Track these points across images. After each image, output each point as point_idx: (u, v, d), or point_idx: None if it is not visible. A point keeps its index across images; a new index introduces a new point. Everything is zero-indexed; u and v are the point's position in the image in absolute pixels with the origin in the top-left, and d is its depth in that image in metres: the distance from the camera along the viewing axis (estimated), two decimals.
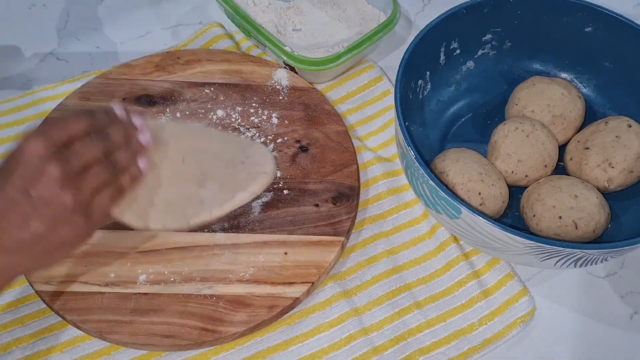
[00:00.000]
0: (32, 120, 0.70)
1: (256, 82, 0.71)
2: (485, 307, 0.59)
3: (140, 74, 0.71)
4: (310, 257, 0.59)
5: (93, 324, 0.55)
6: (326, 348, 0.57)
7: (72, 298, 0.56)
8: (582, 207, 0.58)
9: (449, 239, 0.63)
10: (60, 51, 0.78)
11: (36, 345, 0.56)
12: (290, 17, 0.77)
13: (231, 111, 0.69)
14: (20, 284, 0.59)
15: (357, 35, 0.74)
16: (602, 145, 0.62)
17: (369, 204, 0.65)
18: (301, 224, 0.61)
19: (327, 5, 0.78)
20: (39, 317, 0.58)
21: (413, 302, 0.60)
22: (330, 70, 0.70)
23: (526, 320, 0.59)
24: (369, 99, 0.73)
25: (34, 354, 0.56)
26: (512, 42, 0.70)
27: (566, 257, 0.53)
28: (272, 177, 0.60)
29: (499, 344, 0.58)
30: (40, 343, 0.56)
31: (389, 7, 0.73)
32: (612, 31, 0.66)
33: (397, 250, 0.63)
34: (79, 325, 0.55)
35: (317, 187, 0.64)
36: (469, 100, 0.71)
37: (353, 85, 0.74)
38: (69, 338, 0.57)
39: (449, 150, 0.63)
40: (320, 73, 0.71)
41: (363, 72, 0.75)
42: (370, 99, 0.73)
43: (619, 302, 0.61)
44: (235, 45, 0.77)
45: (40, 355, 0.56)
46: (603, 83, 0.70)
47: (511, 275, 0.61)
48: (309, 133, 0.68)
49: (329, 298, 0.59)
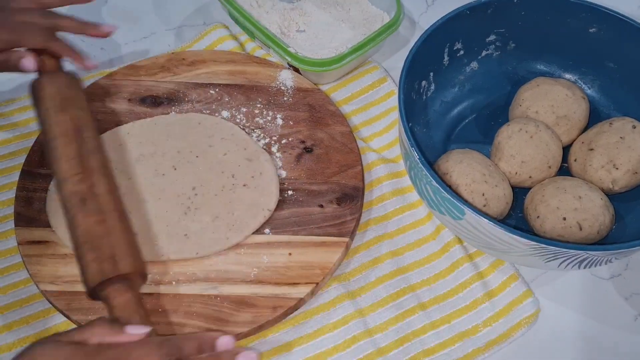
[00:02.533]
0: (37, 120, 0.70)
1: (261, 83, 0.71)
2: (490, 308, 0.59)
3: (146, 75, 0.72)
4: (315, 258, 0.59)
5: None
6: (330, 349, 0.57)
7: (77, 298, 0.56)
8: (587, 209, 0.58)
9: (453, 240, 0.63)
10: None
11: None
12: (294, 18, 0.77)
13: (236, 112, 0.69)
14: (25, 284, 0.59)
15: (361, 36, 0.74)
16: (607, 146, 0.62)
17: (373, 205, 0.65)
18: (305, 225, 0.61)
19: (330, 6, 0.78)
20: (44, 316, 0.58)
21: (417, 304, 0.60)
22: (334, 71, 0.70)
23: (530, 321, 0.59)
24: (373, 100, 0.73)
25: None
26: (516, 43, 0.70)
27: (570, 259, 0.53)
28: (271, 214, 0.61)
29: (503, 345, 0.58)
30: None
31: (393, 8, 0.73)
32: (616, 32, 0.66)
33: (402, 252, 0.63)
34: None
35: (321, 188, 0.64)
36: (472, 101, 0.71)
37: (357, 86, 0.74)
38: None
39: (452, 151, 0.63)
40: (324, 74, 0.71)
41: (367, 73, 0.75)
42: (375, 99, 0.73)
43: (623, 303, 0.61)
44: (240, 46, 0.77)
45: None
46: (607, 84, 0.69)
47: (515, 276, 0.61)
48: (313, 134, 0.68)
49: (333, 299, 0.59)
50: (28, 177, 0.64)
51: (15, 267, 0.60)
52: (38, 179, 0.63)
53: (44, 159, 0.64)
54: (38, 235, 0.60)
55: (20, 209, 0.61)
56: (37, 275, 0.58)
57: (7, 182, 0.66)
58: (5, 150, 0.68)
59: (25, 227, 0.60)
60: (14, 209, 0.61)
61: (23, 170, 0.64)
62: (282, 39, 0.73)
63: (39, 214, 0.61)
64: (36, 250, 0.59)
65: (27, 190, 0.63)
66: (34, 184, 0.63)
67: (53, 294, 0.57)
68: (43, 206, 0.61)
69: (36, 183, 0.63)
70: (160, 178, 0.63)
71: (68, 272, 0.58)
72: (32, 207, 0.62)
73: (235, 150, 0.64)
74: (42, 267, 0.58)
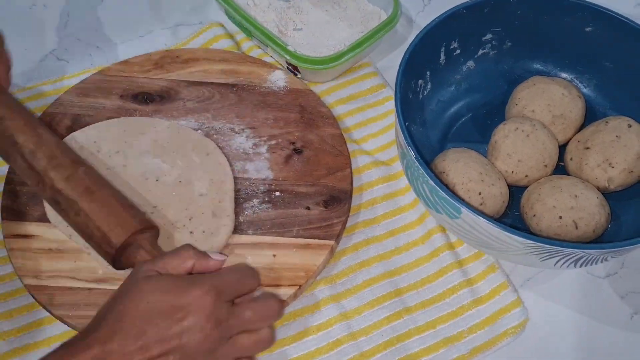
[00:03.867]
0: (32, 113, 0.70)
1: (253, 83, 0.71)
2: (476, 315, 0.59)
3: (139, 72, 0.71)
4: (299, 260, 0.59)
5: (80, 319, 0.55)
6: (313, 352, 0.57)
7: (60, 293, 0.56)
8: (583, 207, 0.58)
9: (443, 246, 0.62)
10: (60, 51, 0.78)
11: (23, 338, 0.56)
12: (290, 17, 0.77)
13: (227, 111, 0.69)
14: (11, 277, 0.59)
15: (359, 34, 0.74)
16: (603, 145, 0.62)
17: (362, 208, 0.65)
18: (291, 227, 0.61)
19: (327, 4, 0.78)
20: (27, 311, 0.58)
21: (403, 308, 0.59)
22: (332, 69, 0.70)
23: (517, 331, 0.58)
24: (371, 102, 0.73)
25: (21, 347, 0.56)
26: (513, 42, 0.70)
27: (566, 257, 0.53)
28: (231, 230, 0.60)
29: (487, 353, 0.57)
30: (28, 337, 0.56)
31: (390, 6, 0.73)
32: (612, 31, 0.66)
33: (390, 255, 0.62)
34: (65, 320, 0.55)
35: (309, 190, 0.64)
36: (469, 100, 0.71)
37: (356, 89, 0.74)
38: (56, 333, 0.57)
39: (449, 150, 0.63)
40: (322, 72, 0.71)
41: (366, 78, 0.74)
42: (373, 102, 0.73)
43: (619, 302, 0.61)
44: (236, 45, 0.77)
45: (27, 348, 0.56)
46: (603, 83, 0.69)
47: (506, 284, 0.60)
48: (303, 135, 0.67)
49: (318, 301, 0.59)
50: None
51: (0, 260, 0.60)
52: None
53: None
54: (23, 229, 0.60)
55: (8, 202, 0.61)
56: (21, 269, 0.57)
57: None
58: None
59: (11, 221, 0.60)
60: (1, 202, 0.61)
61: None
62: (280, 37, 0.72)
63: (26, 208, 0.61)
64: (21, 244, 0.59)
65: (15, 184, 0.62)
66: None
67: (36, 288, 0.56)
68: (30, 200, 0.61)
69: None
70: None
71: (52, 267, 0.58)
72: (19, 201, 0.61)
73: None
74: (26, 261, 0.58)
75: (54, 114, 0.68)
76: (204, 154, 0.64)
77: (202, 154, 0.64)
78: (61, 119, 0.67)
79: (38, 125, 0.57)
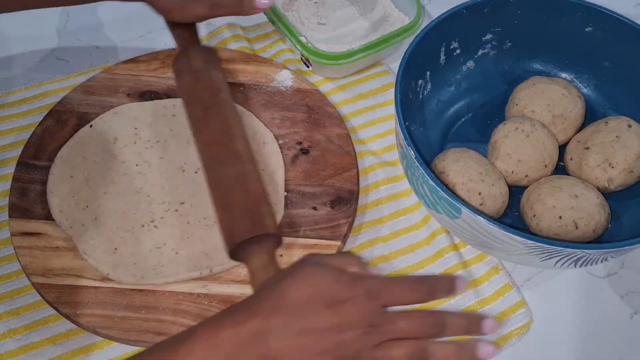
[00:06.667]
0: (37, 112, 0.70)
1: (260, 83, 0.71)
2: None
3: (145, 70, 0.71)
4: None
5: (86, 317, 0.55)
6: None
7: (67, 291, 0.56)
8: (583, 207, 0.58)
9: (448, 247, 0.62)
10: (60, 51, 0.78)
11: (30, 336, 0.56)
12: (317, 11, 0.77)
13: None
14: (18, 275, 0.59)
15: (377, 36, 0.73)
16: (602, 145, 0.62)
17: (368, 209, 0.65)
18: (298, 227, 0.61)
19: (357, 1, 0.79)
20: (34, 309, 0.58)
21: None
22: (343, 67, 0.70)
23: (522, 332, 0.58)
24: (381, 102, 0.73)
25: (27, 345, 0.56)
26: (513, 42, 0.70)
27: (566, 257, 0.53)
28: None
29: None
30: (34, 335, 0.56)
31: (413, 12, 0.73)
32: (612, 31, 0.66)
33: (395, 256, 0.62)
34: (72, 319, 0.55)
35: (316, 190, 0.64)
36: (469, 100, 0.71)
37: (367, 87, 0.74)
38: (62, 331, 0.56)
39: (449, 150, 0.63)
40: (332, 68, 0.71)
41: (378, 77, 0.74)
42: (383, 101, 0.73)
43: (619, 302, 0.61)
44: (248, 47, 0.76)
45: (33, 346, 0.56)
46: (603, 83, 0.69)
47: (510, 286, 0.60)
48: (310, 135, 0.67)
49: None
50: (24, 169, 0.63)
51: (8, 258, 0.60)
52: (34, 171, 0.63)
53: (41, 150, 0.65)
54: (32, 227, 0.60)
55: (15, 200, 0.61)
56: (28, 267, 0.57)
57: (3, 173, 0.65)
58: (3, 141, 0.68)
59: (19, 219, 0.60)
60: (9, 200, 0.61)
61: (19, 161, 0.64)
62: (301, 29, 0.72)
63: (33, 206, 0.61)
64: (29, 242, 0.59)
65: (23, 182, 0.62)
66: (30, 176, 0.63)
67: (44, 286, 0.56)
68: (38, 198, 0.61)
69: (32, 174, 0.63)
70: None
71: (59, 265, 0.58)
72: (27, 199, 0.61)
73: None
74: (34, 259, 0.58)
75: (60, 112, 0.68)
76: (261, 143, 0.63)
77: (259, 143, 0.63)
78: (68, 117, 0.68)
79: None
